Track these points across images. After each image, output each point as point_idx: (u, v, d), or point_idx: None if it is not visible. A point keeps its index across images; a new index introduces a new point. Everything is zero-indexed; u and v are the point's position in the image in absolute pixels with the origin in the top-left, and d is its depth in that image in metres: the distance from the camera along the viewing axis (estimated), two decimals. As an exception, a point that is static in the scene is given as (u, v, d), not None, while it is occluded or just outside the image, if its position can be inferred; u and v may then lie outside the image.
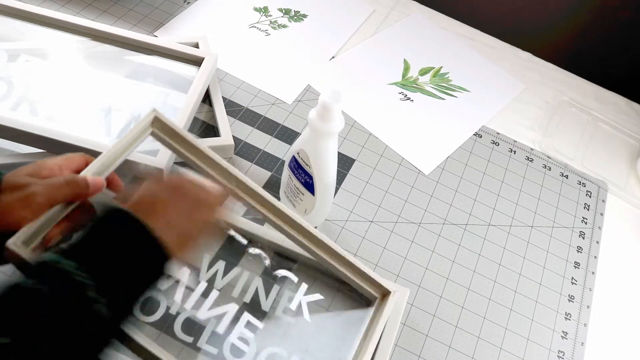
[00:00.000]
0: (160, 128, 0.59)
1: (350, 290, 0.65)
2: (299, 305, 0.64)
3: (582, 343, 0.68)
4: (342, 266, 0.62)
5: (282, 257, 0.67)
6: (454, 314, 0.67)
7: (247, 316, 0.61)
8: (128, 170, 0.68)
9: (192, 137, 0.58)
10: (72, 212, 0.51)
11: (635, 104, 0.99)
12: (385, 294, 0.63)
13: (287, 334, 0.61)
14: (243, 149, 0.77)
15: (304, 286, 0.65)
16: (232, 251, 0.66)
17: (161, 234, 0.44)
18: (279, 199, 0.72)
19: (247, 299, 0.63)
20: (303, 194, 0.66)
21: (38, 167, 0.50)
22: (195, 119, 0.77)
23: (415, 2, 1.06)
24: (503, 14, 1.16)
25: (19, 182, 0.48)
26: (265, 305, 0.63)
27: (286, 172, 0.68)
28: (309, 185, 0.65)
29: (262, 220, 0.69)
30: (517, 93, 0.95)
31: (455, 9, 1.06)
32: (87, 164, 0.53)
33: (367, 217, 0.74)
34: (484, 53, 1.00)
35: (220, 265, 0.65)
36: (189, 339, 0.59)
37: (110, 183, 0.55)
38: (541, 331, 0.68)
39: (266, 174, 0.75)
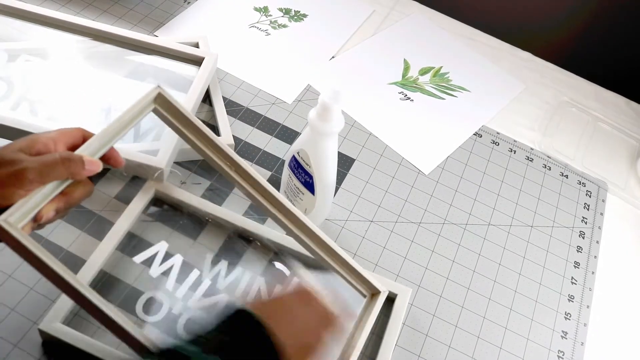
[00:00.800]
0: (163, 106, 0.56)
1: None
2: None
3: (582, 343, 0.68)
4: (335, 263, 0.61)
5: (281, 256, 0.67)
6: (453, 314, 0.67)
7: None
8: (127, 170, 0.69)
9: (195, 119, 0.57)
10: (68, 188, 0.48)
11: (635, 104, 0.99)
12: (374, 293, 0.63)
13: None
14: (243, 149, 0.77)
15: None
16: (234, 251, 0.66)
17: (283, 347, 0.45)
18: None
19: (250, 299, 0.63)
20: (303, 194, 0.66)
21: (31, 141, 0.47)
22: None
23: (415, 2, 1.06)
24: (503, 14, 1.16)
25: (11, 157, 0.45)
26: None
27: (286, 172, 0.68)
28: (309, 185, 0.65)
29: (263, 219, 0.70)
30: (517, 93, 0.95)
31: (456, 9, 1.06)
32: (84, 138, 0.50)
33: (367, 217, 0.74)
34: (484, 53, 1.00)
35: (223, 265, 0.65)
36: None
37: (109, 159, 0.52)
38: (541, 331, 0.68)
39: (266, 174, 0.75)
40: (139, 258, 0.63)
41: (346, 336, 0.53)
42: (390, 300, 0.65)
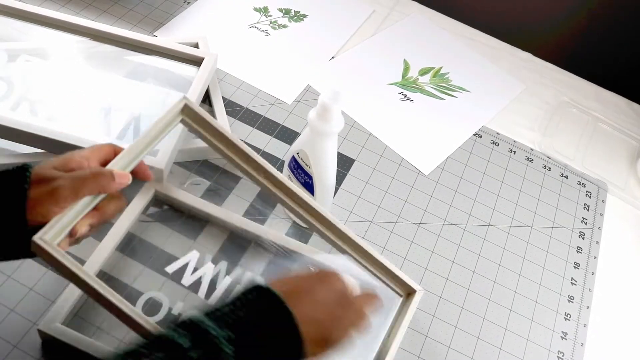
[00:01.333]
0: (190, 116, 0.57)
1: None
2: None
3: (582, 344, 0.68)
4: (367, 262, 0.61)
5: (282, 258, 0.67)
6: (453, 315, 0.67)
7: None
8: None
9: (222, 127, 0.58)
10: (101, 203, 0.50)
11: (635, 105, 0.99)
12: (410, 292, 0.63)
13: None
14: (243, 149, 0.77)
15: None
16: (234, 251, 0.66)
17: (303, 328, 0.43)
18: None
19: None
20: (303, 194, 0.66)
21: (65, 160, 0.49)
22: (195, 119, 0.77)
23: (415, 2, 1.06)
24: (503, 14, 1.16)
25: (46, 175, 0.47)
26: None
27: (286, 173, 0.68)
28: (309, 186, 0.65)
29: (263, 219, 0.70)
30: (517, 93, 0.95)
31: (455, 9, 1.06)
32: (115, 154, 0.52)
33: (366, 218, 0.74)
34: (484, 53, 1.00)
35: (223, 265, 0.65)
36: None
37: (139, 173, 0.54)
38: (541, 332, 0.68)
39: (266, 174, 0.75)
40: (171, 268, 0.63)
41: (368, 321, 0.51)
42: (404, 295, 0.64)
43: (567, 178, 0.85)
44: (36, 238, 0.45)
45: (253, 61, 0.88)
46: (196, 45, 0.82)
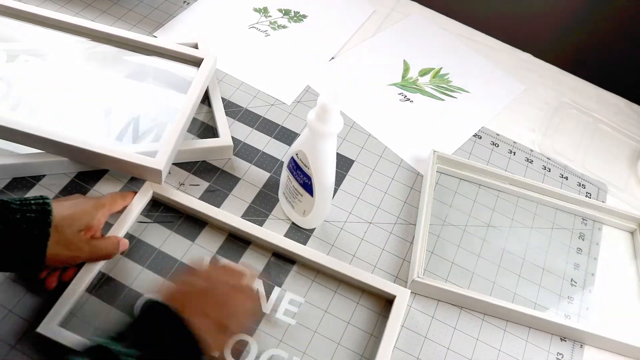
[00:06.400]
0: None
1: (349, 291, 0.65)
2: (300, 307, 0.64)
3: (581, 345, 0.68)
4: (349, 279, 0.65)
5: (281, 259, 0.67)
6: (452, 316, 0.67)
7: None
8: (126, 171, 0.69)
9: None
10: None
11: (635, 106, 0.98)
12: (391, 299, 0.64)
13: (288, 336, 0.61)
14: (242, 150, 0.77)
15: (303, 289, 0.65)
16: (232, 251, 0.66)
17: (198, 327, 0.48)
18: (277, 200, 0.72)
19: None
20: (302, 195, 0.66)
21: (88, 225, 0.58)
22: (195, 119, 0.77)
23: (415, 2, 1.06)
24: (503, 15, 1.16)
25: (72, 240, 0.56)
26: (266, 307, 0.63)
27: (285, 173, 0.68)
28: (308, 187, 0.65)
29: (262, 221, 0.70)
30: (517, 94, 0.95)
31: (455, 10, 1.06)
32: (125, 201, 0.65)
33: (366, 219, 0.74)
34: (484, 54, 1.00)
35: None
36: None
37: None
38: (540, 333, 0.68)
39: (265, 175, 0.75)
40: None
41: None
42: (389, 301, 0.65)
43: (567, 179, 0.85)
44: (42, 329, 0.56)
45: (252, 62, 0.88)
46: (195, 46, 0.82)
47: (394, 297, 0.64)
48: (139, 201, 0.66)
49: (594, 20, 1.13)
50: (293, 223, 0.71)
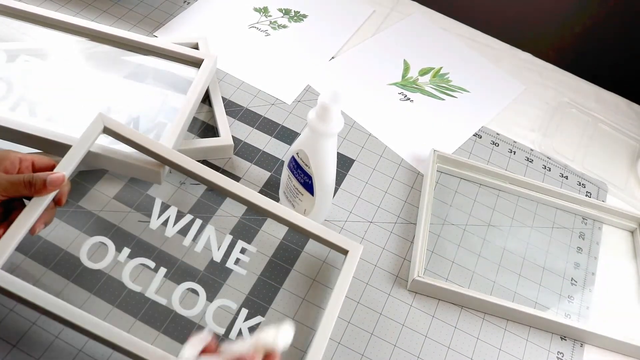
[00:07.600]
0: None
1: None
2: (251, 256, 0.64)
3: (582, 344, 0.68)
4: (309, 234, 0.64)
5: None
6: (453, 315, 0.67)
7: None
8: (126, 171, 0.69)
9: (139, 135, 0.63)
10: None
11: (635, 105, 0.98)
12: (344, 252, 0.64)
13: (237, 286, 0.61)
14: (242, 149, 0.77)
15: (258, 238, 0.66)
16: (186, 198, 0.66)
17: None
18: (278, 199, 0.72)
19: (199, 249, 0.62)
20: (302, 195, 0.66)
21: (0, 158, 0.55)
22: (195, 119, 0.77)
23: (415, 2, 1.06)
24: (503, 15, 1.16)
25: None
26: (217, 256, 0.62)
27: (285, 173, 0.68)
28: (309, 186, 0.65)
29: (262, 220, 0.69)
30: (517, 94, 0.95)
31: (456, 10, 1.06)
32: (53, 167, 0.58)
33: (366, 218, 0.74)
34: (484, 54, 1.00)
35: (172, 211, 0.63)
36: (138, 288, 0.59)
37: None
38: (540, 332, 0.68)
39: (265, 174, 0.75)
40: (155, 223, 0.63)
41: None
42: (345, 253, 0.64)
43: (567, 179, 0.85)
44: None
45: (253, 61, 0.88)
46: (196, 46, 0.82)
47: (347, 251, 0.63)
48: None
49: (594, 20, 1.13)
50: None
